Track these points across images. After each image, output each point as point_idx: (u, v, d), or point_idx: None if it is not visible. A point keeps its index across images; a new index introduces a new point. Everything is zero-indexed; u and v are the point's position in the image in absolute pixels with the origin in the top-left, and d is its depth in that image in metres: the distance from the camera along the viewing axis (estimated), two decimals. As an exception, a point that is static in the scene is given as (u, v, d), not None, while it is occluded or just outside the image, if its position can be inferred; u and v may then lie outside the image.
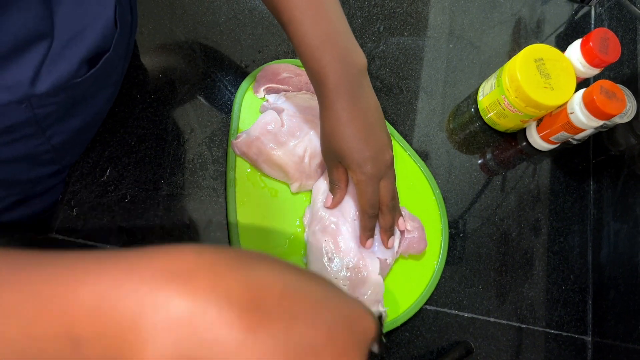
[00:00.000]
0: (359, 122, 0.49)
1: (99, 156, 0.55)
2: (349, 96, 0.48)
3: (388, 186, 0.52)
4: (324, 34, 0.47)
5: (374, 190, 0.51)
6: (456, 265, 0.64)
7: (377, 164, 0.49)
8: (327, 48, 0.47)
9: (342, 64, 0.48)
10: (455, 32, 0.77)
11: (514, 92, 0.65)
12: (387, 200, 0.52)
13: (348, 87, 0.48)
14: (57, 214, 0.52)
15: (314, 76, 0.49)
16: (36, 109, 0.42)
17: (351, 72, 0.48)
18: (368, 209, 0.52)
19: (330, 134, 0.50)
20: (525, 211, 0.70)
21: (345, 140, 0.49)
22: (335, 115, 0.48)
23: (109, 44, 0.45)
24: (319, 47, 0.47)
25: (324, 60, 0.47)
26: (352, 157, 0.49)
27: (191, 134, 0.59)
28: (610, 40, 0.65)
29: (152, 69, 0.61)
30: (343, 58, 0.48)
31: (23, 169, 0.49)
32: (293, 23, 0.48)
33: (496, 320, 0.63)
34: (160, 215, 0.55)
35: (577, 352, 0.66)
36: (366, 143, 0.49)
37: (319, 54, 0.47)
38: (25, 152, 0.46)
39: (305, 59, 0.49)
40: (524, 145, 0.74)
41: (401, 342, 0.58)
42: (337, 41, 0.48)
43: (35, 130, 0.45)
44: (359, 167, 0.49)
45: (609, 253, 0.69)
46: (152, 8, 0.64)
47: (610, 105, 0.61)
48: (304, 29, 0.47)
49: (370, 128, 0.49)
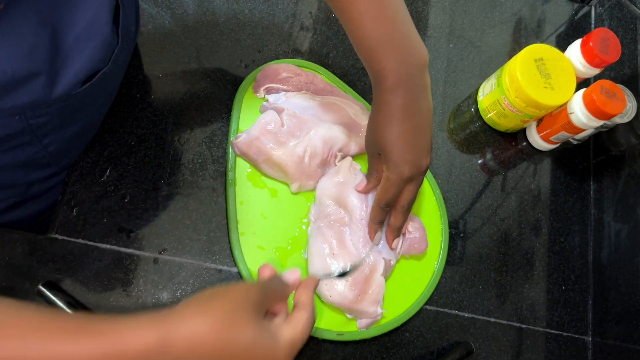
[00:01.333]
0: (408, 124, 0.49)
1: (98, 156, 0.55)
2: (405, 96, 0.48)
3: (413, 190, 0.52)
4: (384, 35, 0.47)
5: (396, 191, 0.51)
6: (456, 265, 0.64)
7: (414, 168, 0.50)
8: (386, 50, 0.47)
9: (402, 65, 0.47)
10: (456, 32, 0.77)
11: (514, 92, 0.65)
12: (404, 202, 0.52)
13: (406, 88, 0.48)
14: (57, 214, 0.52)
15: (372, 75, 0.49)
16: (31, 120, 0.42)
17: (410, 73, 0.48)
18: (384, 204, 0.52)
19: (378, 128, 0.50)
20: (525, 211, 0.70)
21: (391, 138, 0.49)
22: (387, 111, 0.49)
23: (108, 59, 0.44)
24: (379, 49, 0.47)
25: (383, 62, 0.47)
26: (392, 155, 0.49)
27: (191, 134, 0.59)
28: (610, 40, 0.65)
29: (152, 69, 0.61)
30: (403, 59, 0.47)
31: (20, 173, 0.49)
32: (352, 23, 0.48)
33: (496, 320, 0.63)
34: (160, 215, 0.55)
35: (578, 352, 0.66)
36: (410, 146, 0.49)
37: (378, 56, 0.47)
38: (22, 158, 0.46)
39: (365, 59, 0.49)
40: (524, 145, 0.74)
41: (401, 342, 0.58)
42: (397, 42, 0.47)
43: (31, 139, 0.44)
44: (395, 166, 0.49)
45: (610, 253, 0.68)
46: (152, 8, 0.64)
47: (610, 105, 0.61)
48: (364, 31, 0.47)
49: (417, 132, 0.49)
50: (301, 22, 0.70)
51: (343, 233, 0.55)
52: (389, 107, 0.48)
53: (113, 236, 0.53)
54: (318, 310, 0.55)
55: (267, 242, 0.56)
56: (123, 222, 0.54)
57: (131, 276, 0.52)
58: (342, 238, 0.55)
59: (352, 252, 0.54)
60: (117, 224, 0.54)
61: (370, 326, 0.56)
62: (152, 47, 0.62)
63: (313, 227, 0.57)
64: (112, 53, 0.45)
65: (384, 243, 0.56)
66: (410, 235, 0.58)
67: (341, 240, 0.54)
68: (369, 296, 0.53)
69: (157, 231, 0.55)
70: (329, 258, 0.54)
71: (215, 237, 0.56)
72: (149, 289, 0.52)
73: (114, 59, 0.45)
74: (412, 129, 0.49)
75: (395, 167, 0.49)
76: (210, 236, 0.56)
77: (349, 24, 0.48)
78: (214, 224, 0.57)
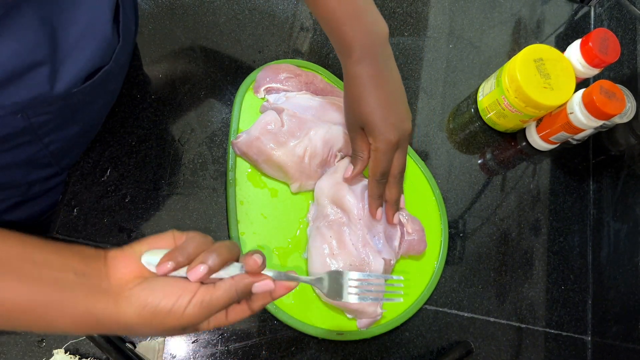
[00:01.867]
0: (383, 90, 0.50)
1: (99, 156, 0.55)
2: (374, 65, 0.50)
3: (400, 158, 0.52)
4: (349, 10, 0.49)
5: (389, 159, 0.52)
6: (456, 265, 0.64)
7: (399, 132, 0.50)
8: (353, 23, 0.49)
9: (368, 36, 0.49)
10: (455, 32, 0.77)
11: (513, 92, 0.65)
12: (396, 171, 0.53)
13: (373, 57, 0.50)
14: (58, 214, 0.52)
15: (340, 49, 0.51)
16: (32, 118, 0.42)
17: (376, 43, 0.50)
18: (379, 176, 0.52)
19: (354, 101, 0.51)
20: (525, 211, 0.70)
21: (370, 105, 0.50)
22: (360, 82, 0.50)
23: (109, 57, 0.45)
24: (345, 23, 0.49)
25: (349, 34, 0.49)
26: (376, 123, 0.50)
27: (191, 134, 0.60)
28: (609, 40, 0.65)
29: (152, 69, 0.61)
30: (368, 31, 0.50)
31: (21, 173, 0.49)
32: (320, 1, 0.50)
33: (496, 320, 0.63)
34: (161, 215, 0.55)
35: (577, 351, 0.66)
36: (391, 111, 0.50)
37: (345, 28, 0.49)
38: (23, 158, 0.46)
39: (331, 33, 0.51)
40: (524, 145, 0.74)
41: (401, 341, 0.58)
42: (362, 16, 0.50)
43: (32, 138, 0.44)
44: (381, 134, 0.50)
45: (609, 253, 0.69)
46: (153, 8, 0.64)
47: (609, 105, 0.61)
48: (331, 6, 0.49)
49: (393, 96, 0.51)
50: (301, 22, 0.70)
51: (343, 233, 0.55)
52: (361, 78, 0.50)
53: (114, 236, 0.53)
54: (318, 309, 0.55)
55: (267, 242, 0.56)
56: (124, 222, 0.54)
57: (132, 276, 0.52)
58: (341, 238, 0.55)
59: (352, 252, 0.54)
60: (117, 223, 0.54)
61: (370, 326, 0.56)
62: (152, 47, 0.62)
63: (312, 228, 0.57)
64: (113, 52, 0.45)
65: (383, 243, 0.56)
66: (409, 237, 0.58)
67: (341, 241, 0.55)
68: None
69: (157, 231, 0.54)
70: (328, 258, 0.54)
71: (215, 237, 0.56)
72: (149, 288, 0.52)
73: (115, 58, 0.45)
74: (389, 95, 0.50)
75: (381, 134, 0.50)
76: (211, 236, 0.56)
77: (316, 2, 0.50)
78: (215, 223, 0.57)
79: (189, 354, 0.52)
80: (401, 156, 0.53)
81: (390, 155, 0.51)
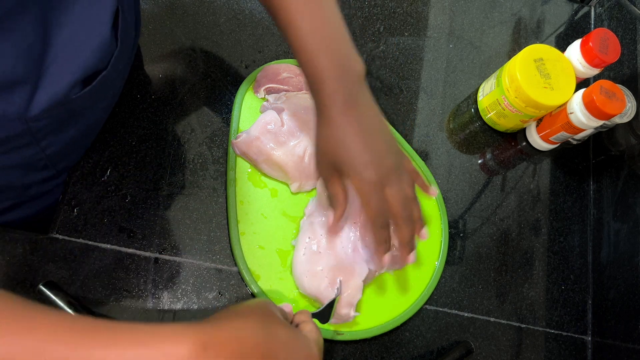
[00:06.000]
0: (355, 126, 0.46)
1: (99, 156, 0.55)
2: (346, 101, 0.46)
3: (396, 194, 0.47)
4: (322, 40, 0.45)
5: (377, 200, 0.47)
6: (456, 265, 0.64)
7: (378, 170, 0.46)
8: (325, 54, 0.45)
9: (340, 70, 0.46)
10: (455, 32, 0.77)
11: (513, 92, 0.65)
12: (398, 210, 0.47)
13: (345, 92, 0.46)
14: (58, 214, 0.52)
15: (311, 81, 0.47)
16: (30, 123, 0.42)
17: (349, 79, 0.46)
18: (376, 218, 0.48)
19: (326, 139, 0.47)
20: (525, 211, 0.70)
21: (342, 144, 0.46)
22: (332, 121, 0.46)
23: (106, 63, 0.44)
24: (317, 53, 0.45)
25: (321, 66, 0.45)
26: (350, 162, 0.46)
27: (192, 134, 0.60)
28: (610, 40, 0.65)
29: (152, 69, 0.61)
30: (341, 64, 0.46)
31: (17, 175, 0.48)
32: (291, 27, 0.46)
33: (496, 320, 0.63)
34: (161, 215, 0.55)
35: (577, 351, 0.66)
36: (364, 147, 0.46)
37: (316, 59, 0.45)
38: (19, 160, 0.46)
39: (303, 64, 0.47)
40: (524, 145, 0.74)
41: (401, 342, 0.58)
42: (335, 47, 0.46)
43: (30, 141, 0.44)
44: (357, 173, 0.46)
45: (609, 253, 0.69)
46: (153, 8, 0.64)
47: (610, 105, 0.61)
48: (302, 34, 0.45)
49: (369, 132, 0.47)
50: (301, 22, 0.70)
51: (336, 236, 0.55)
52: (332, 115, 0.46)
53: (114, 236, 0.53)
54: None
55: (267, 241, 0.56)
56: (124, 222, 0.54)
57: (132, 276, 0.52)
58: (333, 239, 0.55)
59: (339, 256, 0.54)
60: (117, 223, 0.54)
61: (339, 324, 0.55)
62: (152, 47, 0.62)
63: (306, 221, 0.57)
64: (111, 57, 0.45)
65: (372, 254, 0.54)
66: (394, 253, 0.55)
67: (332, 241, 0.54)
68: (343, 298, 0.53)
69: (157, 231, 0.55)
70: (314, 255, 0.54)
71: (215, 236, 0.56)
72: (149, 288, 0.52)
73: (113, 63, 0.45)
74: (362, 131, 0.46)
75: (356, 173, 0.46)
76: (211, 236, 0.56)
77: (287, 28, 0.46)
78: (215, 223, 0.57)
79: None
80: (395, 192, 0.47)
81: (377, 195, 0.47)
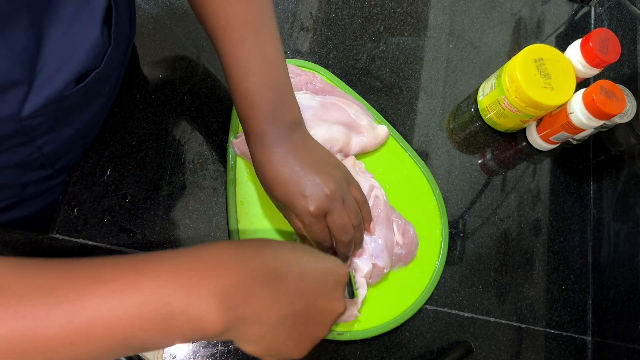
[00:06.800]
0: (290, 159, 0.46)
1: (99, 156, 0.55)
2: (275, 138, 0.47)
3: (334, 221, 0.48)
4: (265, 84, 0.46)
5: (320, 228, 0.48)
6: (456, 265, 0.64)
7: (316, 201, 0.46)
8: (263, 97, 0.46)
9: (277, 116, 0.46)
10: (455, 32, 0.77)
11: (514, 92, 0.65)
12: (338, 237, 0.49)
13: (277, 135, 0.47)
14: (58, 214, 0.52)
15: (243, 123, 0.48)
16: (24, 121, 0.42)
17: (284, 125, 0.47)
18: (320, 244, 0.50)
19: (265, 181, 0.48)
20: (525, 211, 0.70)
21: (279, 183, 0.46)
22: (264, 156, 0.47)
23: (99, 61, 0.44)
24: (253, 74, 0.46)
25: (252, 88, 0.46)
26: (287, 200, 0.47)
27: (191, 134, 0.60)
28: (610, 40, 0.65)
29: (152, 69, 0.61)
30: (277, 109, 0.47)
31: (14, 174, 0.48)
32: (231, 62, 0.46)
33: (496, 320, 0.63)
34: (161, 215, 0.55)
35: (577, 352, 0.66)
36: (299, 182, 0.46)
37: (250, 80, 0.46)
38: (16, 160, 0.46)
39: (237, 104, 0.47)
40: (524, 145, 0.74)
41: (401, 341, 0.58)
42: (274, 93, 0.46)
43: (25, 140, 0.44)
44: (296, 208, 0.47)
45: (609, 253, 0.69)
46: (153, 8, 0.64)
47: (610, 105, 0.61)
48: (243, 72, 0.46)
49: (303, 165, 0.47)
50: (301, 22, 0.70)
51: None
52: (266, 150, 0.47)
53: (114, 236, 0.53)
54: None
55: (267, 241, 0.56)
56: (124, 222, 0.54)
57: (132, 276, 0.52)
58: None
59: None
60: (117, 223, 0.54)
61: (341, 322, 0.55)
62: (152, 47, 0.62)
63: None
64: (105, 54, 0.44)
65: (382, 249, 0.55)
66: (398, 251, 0.58)
67: None
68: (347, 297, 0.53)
69: (157, 231, 0.55)
70: None
71: (215, 236, 0.56)
72: (149, 288, 0.52)
73: (107, 60, 0.45)
74: (298, 164, 0.47)
75: (296, 209, 0.47)
76: (211, 236, 0.56)
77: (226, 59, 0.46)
78: (215, 223, 0.57)
79: (189, 354, 0.52)
80: (335, 217, 0.47)
81: (319, 224, 0.47)
